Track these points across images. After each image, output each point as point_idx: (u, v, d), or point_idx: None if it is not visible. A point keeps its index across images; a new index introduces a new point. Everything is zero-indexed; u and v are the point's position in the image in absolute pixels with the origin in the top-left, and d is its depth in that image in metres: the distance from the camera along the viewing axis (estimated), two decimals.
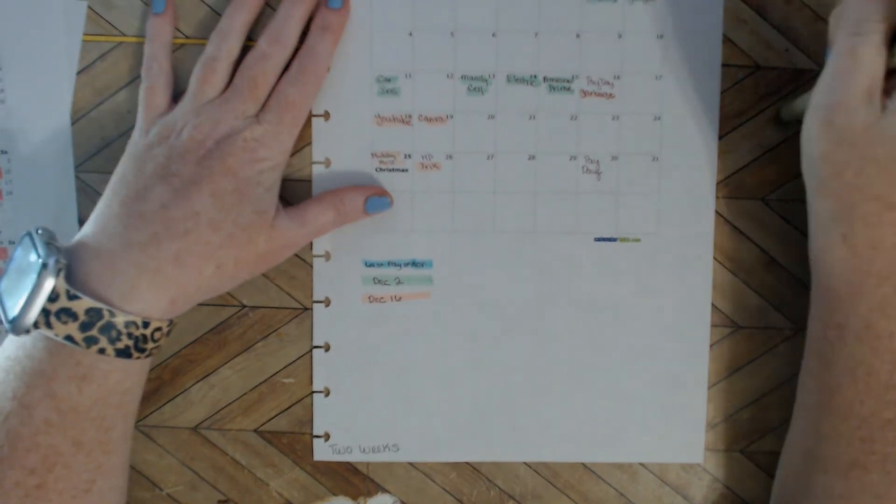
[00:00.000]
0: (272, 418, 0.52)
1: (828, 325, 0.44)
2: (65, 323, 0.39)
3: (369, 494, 0.52)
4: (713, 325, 0.51)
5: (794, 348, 0.51)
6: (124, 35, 0.50)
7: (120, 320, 0.39)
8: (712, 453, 0.52)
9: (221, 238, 0.43)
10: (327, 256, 0.50)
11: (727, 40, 0.50)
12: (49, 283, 0.38)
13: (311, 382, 0.51)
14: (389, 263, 0.51)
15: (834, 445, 0.43)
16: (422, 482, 0.52)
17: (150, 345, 0.41)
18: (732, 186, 0.50)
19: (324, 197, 0.48)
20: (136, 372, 0.42)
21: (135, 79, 0.50)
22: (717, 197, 0.50)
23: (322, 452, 0.51)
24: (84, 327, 0.39)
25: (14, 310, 0.39)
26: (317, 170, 0.50)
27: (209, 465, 0.52)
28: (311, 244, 0.50)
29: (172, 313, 0.43)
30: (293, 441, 0.52)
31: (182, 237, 0.42)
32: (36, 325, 0.39)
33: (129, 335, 0.40)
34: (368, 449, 0.51)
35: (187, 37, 0.50)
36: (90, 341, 0.39)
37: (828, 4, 0.50)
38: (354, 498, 0.52)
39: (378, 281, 0.51)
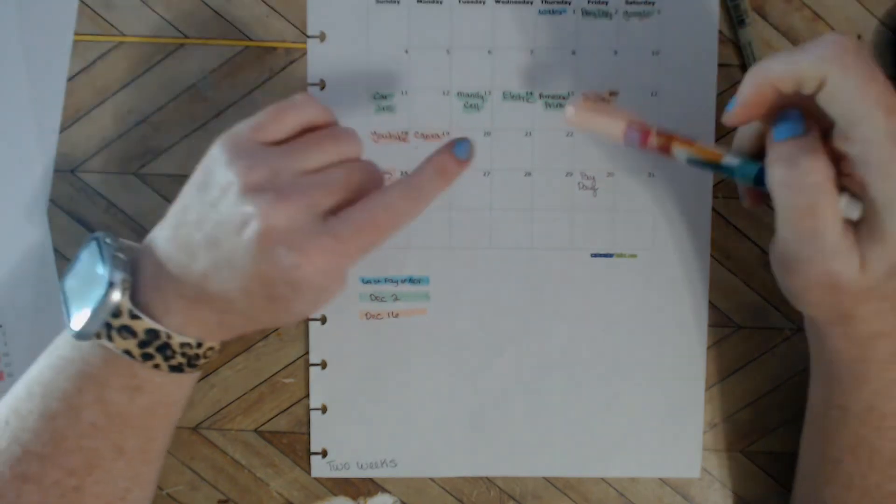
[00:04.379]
0: (272, 418, 0.52)
1: (829, 404, 0.43)
2: (125, 338, 0.39)
3: (369, 494, 0.52)
4: (713, 326, 0.51)
5: (793, 348, 0.51)
6: (124, 35, 0.50)
7: (176, 342, 0.40)
8: (712, 453, 0.52)
9: (259, 322, 0.41)
10: None
11: (727, 40, 0.50)
12: (114, 301, 0.39)
13: (310, 381, 0.51)
14: (386, 280, 0.51)
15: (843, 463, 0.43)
16: (422, 482, 0.52)
17: (202, 361, 0.42)
18: (732, 186, 0.50)
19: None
20: (186, 385, 0.43)
21: (135, 79, 0.50)
22: (717, 197, 0.50)
23: (319, 469, 0.52)
24: (142, 345, 0.39)
25: (80, 319, 0.39)
26: None
27: (209, 465, 0.52)
28: None
29: (226, 338, 0.42)
30: (293, 441, 0.52)
31: (220, 311, 0.40)
32: (98, 335, 0.39)
33: (184, 354, 0.40)
34: (366, 465, 0.51)
35: (187, 36, 0.50)
36: (147, 357, 0.40)
37: (828, 5, 0.50)
38: (354, 498, 0.52)
39: (375, 297, 0.51)
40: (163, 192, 0.50)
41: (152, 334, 0.39)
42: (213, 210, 0.39)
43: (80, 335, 0.39)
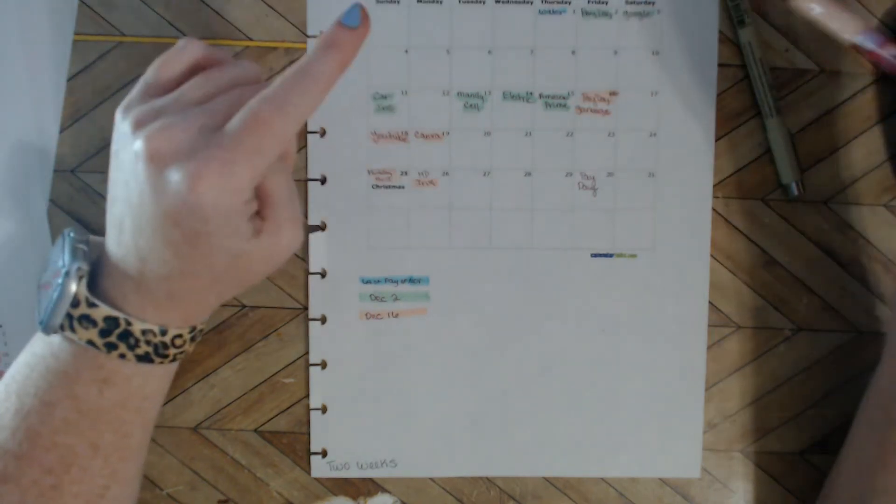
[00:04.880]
0: (272, 418, 0.52)
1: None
2: (86, 328, 0.39)
3: (369, 494, 0.52)
4: (713, 326, 0.51)
5: (793, 348, 0.51)
6: (124, 35, 0.50)
7: (136, 328, 0.39)
8: (712, 453, 0.52)
9: (205, 282, 0.39)
10: (323, 274, 0.50)
11: (727, 40, 0.50)
12: (71, 290, 0.39)
13: (309, 381, 0.51)
14: (386, 280, 0.51)
15: (890, 500, 0.43)
16: (422, 482, 0.52)
17: (172, 350, 0.41)
18: (732, 186, 0.50)
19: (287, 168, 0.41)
20: (158, 377, 0.42)
21: (135, 79, 0.50)
22: (717, 197, 0.50)
23: (319, 469, 0.52)
24: (103, 334, 0.39)
25: (44, 311, 0.39)
26: (313, 187, 0.50)
27: (209, 465, 0.52)
28: (307, 262, 0.51)
29: (192, 323, 0.41)
30: (293, 441, 0.52)
31: (165, 281, 0.38)
32: (62, 327, 0.39)
33: (148, 342, 0.40)
34: (366, 465, 0.51)
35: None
36: (110, 347, 0.39)
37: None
38: (354, 498, 0.52)
39: (375, 297, 0.51)
40: None
41: (111, 322, 0.39)
42: (118, 172, 0.39)
43: (46, 329, 0.39)
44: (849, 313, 0.51)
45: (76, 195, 0.51)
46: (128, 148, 0.37)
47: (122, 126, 0.38)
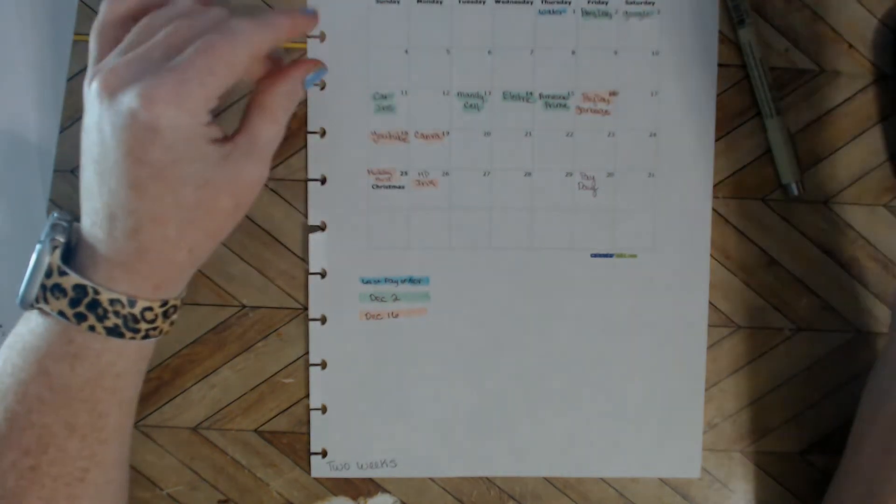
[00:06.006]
0: (272, 418, 0.52)
1: None
2: (57, 298, 0.39)
3: (369, 494, 0.52)
4: (713, 326, 0.51)
5: (793, 348, 0.51)
6: None
7: (104, 297, 0.39)
8: (712, 453, 0.52)
9: (175, 228, 0.39)
10: (323, 274, 0.50)
11: (727, 40, 0.50)
12: (45, 260, 0.39)
13: (310, 382, 0.51)
14: (386, 280, 0.51)
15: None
16: (422, 482, 0.52)
17: (144, 325, 0.40)
18: (732, 186, 0.51)
19: (263, 103, 0.41)
20: (129, 354, 0.41)
21: None
22: (717, 197, 0.51)
23: (319, 469, 0.51)
24: (73, 303, 0.39)
25: (22, 286, 0.40)
26: (312, 187, 0.50)
27: (209, 465, 0.52)
28: (307, 262, 0.51)
29: (163, 295, 0.41)
30: (293, 441, 0.52)
31: (133, 235, 0.38)
32: (37, 299, 0.39)
33: (117, 313, 0.39)
34: (366, 465, 0.51)
35: None
36: (80, 317, 0.39)
37: (828, 5, 0.50)
38: (354, 498, 0.52)
39: (375, 298, 0.51)
40: None
41: (80, 290, 0.39)
42: (85, 139, 0.39)
43: (23, 302, 0.40)
44: (849, 313, 0.51)
45: (76, 195, 0.50)
46: (88, 99, 0.38)
47: (86, 93, 0.39)
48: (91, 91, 0.38)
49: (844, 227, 0.50)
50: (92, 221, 0.39)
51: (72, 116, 0.50)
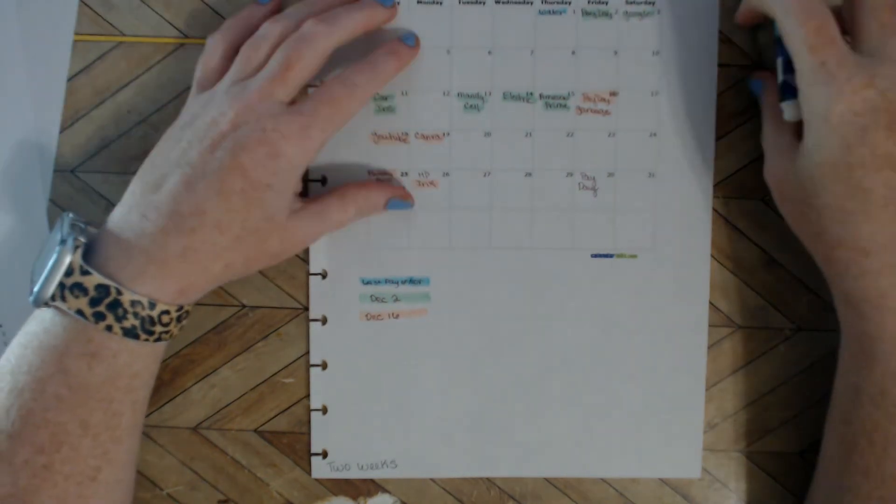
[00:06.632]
0: (272, 418, 0.52)
1: (846, 383, 0.44)
2: (77, 297, 0.40)
3: (369, 494, 0.52)
4: (713, 326, 0.51)
5: (793, 348, 0.51)
6: (124, 35, 0.50)
7: (126, 298, 0.40)
8: (712, 453, 0.52)
9: (229, 240, 0.42)
10: (324, 274, 0.50)
11: (727, 40, 0.50)
12: (66, 259, 0.40)
13: (310, 382, 0.51)
14: (387, 281, 0.51)
15: (854, 499, 0.43)
16: (422, 482, 0.52)
17: (158, 328, 0.42)
18: (732, 186, 0.51)
19: (346, 194, 0.47)
20: (144, 356, 0.42)
21: (135, 79, 0.50)
22: (717, 197, 0.50)
23: (320, 470, 0.51)
24: (93, 303, 0.40)
25: (37, 284, 0.41)
26: (313, 188, 0.50)
27: (209, 465, 0.52)
28: (307, 262, 0.51)
29: (182, 301, 0.42)
30: (293, 441, 0.52)
31: (188, 234, 0.41)
32: (53, 298, 0.40)
33: (136, 315, 0.40)
34: (366, 466, 0.51)
35: (187, 36, 0.50)
36: (98, 317, 0.40)
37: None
38: (354, 498, 0.52)
39: (375, 298, 0.51)
40: None
41: (103, 290, 0.40)
42: (176, 141, 0.43)
43: (37, 300, 0.40)
44: None
45: (76, 195, 0.51)
46: (209, 112, 0.43)
47: (198, 99, 0.45)
48: (221, 111, 0.43)
49: None
50: (142, 214, 0.41)
51: (72, 116, 0.50)
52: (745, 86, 0.50)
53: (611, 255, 0.51)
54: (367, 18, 0.46)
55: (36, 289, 0.40)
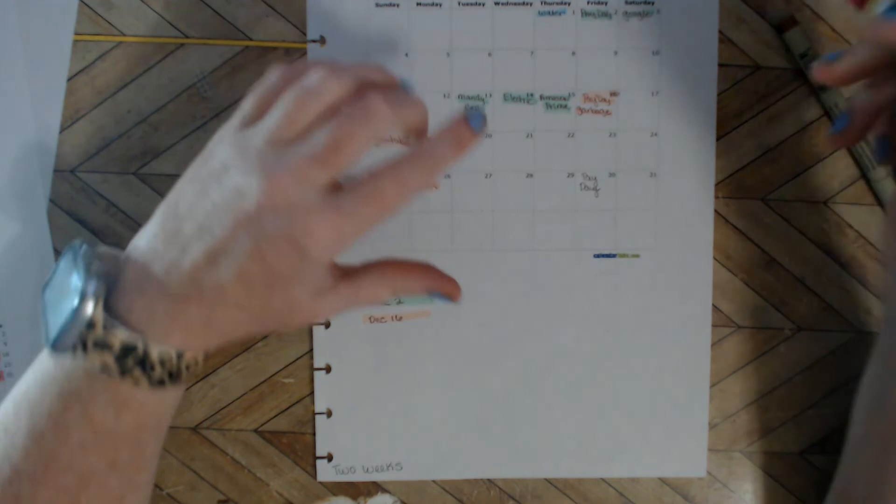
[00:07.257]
0: (272, 418, 0.52)
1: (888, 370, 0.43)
2: (101, 352, 0.37)
3: (369, 494, 0.52)
4: (713, 326, 0.51)
5: (793, 348, 0.52)
6: (124, 35, 0.50)
7: (154, 354, 0.38)
8: (712, 453, 0.52)
9: (249, 316, 0.39)
10: None
11: (727, 40, 0.50)
12: (87, 314, 0.37)
13: (311, 382, 0.51)
14: None
15: None
16: (422, 482, 0.52)
17: (185, 374, 0.40)
18: (732, 186, 0.51)
19: (384, 275, 0.42)
20: (172, 400, 0.41)
21: (135, 79, 0.50)
22: (717, 197, 0.51)
23: (325, 473, 0.51)
24: (119, 358, 0.37)
25: (54, 331, 0.38)
26: None
27: (209, 465, 0.52)
28: None
29: (209, 349, 0.40)
30: (293, 441, 0.52)
31: (210, 307, 0.38)
32: (73, 348, 0.37)
33: (163, 366, 0.38)
34: (372, 468, 0.51)
35: (187, 36, 0.50)
36: (125, 372, 0.38)
37: (828, 5, 0.50)
38: (354, 498, 0.52)
39: None
40: (163, 192, 0.50)
41: (128, 348, 0.37)
42: (204, 195, 0.38)
43: (55, 349, 0.38)
44: (849, 313, 0.51)
45: (76, 195, 0.50)
46: (236, 175, 0.37)
47: (235, 141, 0.39)
48: (250, 186, 0.37)
49: (844, 227, 0.51)
50: (166, 270, 0.38)
51: (72, 116, 0.50)
52: (745, 86, 0.50)
53: (613, 255, 0.51)
54: (459, 153, 0.40)
55: (53, 336, 0.38)
